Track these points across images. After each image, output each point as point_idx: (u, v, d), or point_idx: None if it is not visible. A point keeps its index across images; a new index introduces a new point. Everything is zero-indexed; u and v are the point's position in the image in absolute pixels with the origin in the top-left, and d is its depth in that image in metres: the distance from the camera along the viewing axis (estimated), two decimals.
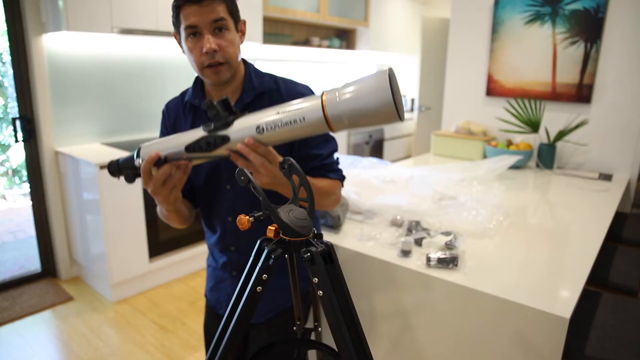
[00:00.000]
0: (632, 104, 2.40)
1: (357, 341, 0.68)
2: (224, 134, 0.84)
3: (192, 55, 0.99)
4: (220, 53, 0.97)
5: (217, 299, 1.25)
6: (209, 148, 0.86)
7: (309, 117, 0.77)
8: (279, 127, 0.80)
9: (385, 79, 0.71)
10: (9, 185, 4.81)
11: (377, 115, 0.72)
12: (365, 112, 0.72)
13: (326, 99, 0.76)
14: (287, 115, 0.79)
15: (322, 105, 0.76)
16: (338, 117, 0.75)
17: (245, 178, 0.69)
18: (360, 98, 0.73)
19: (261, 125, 0.81)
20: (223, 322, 0.75)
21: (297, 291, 0.86)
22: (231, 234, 1.15)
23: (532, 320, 1.06)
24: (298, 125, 0.78)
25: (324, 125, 0.77)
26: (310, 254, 0.68)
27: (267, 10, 3.51)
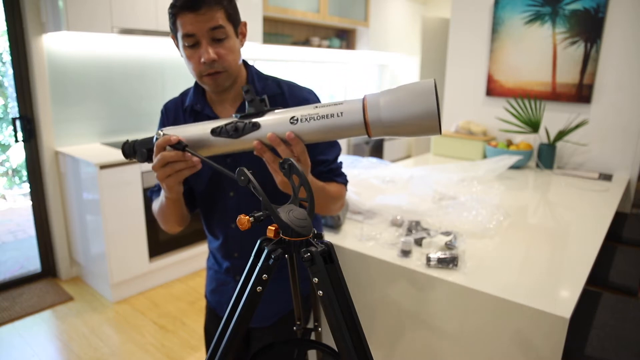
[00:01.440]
0: (632, 104, 2.40)
1: (357, 341, 0.68)
2: (255, 121, 0.81)
3: (190, 63, 0.97)
4: (219, 62, 0.95)
5: (218, 301, 1.23)
6: (237, 134, 0.82)
7: (348, 114, 0.74)
8: (314, 120, 0.77)
9: (431, 88, 0.69)
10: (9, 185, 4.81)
11: (418, 124, 0.70)
12: (406, 118, 0.70)
13: (368, 100, 0.74)
14: (325, 110, 0.76)
15: (363, 105, 0.74)
16: (377, 120, 0.72)
17: (245, 178, 0.68)
18: (403, 104, 0.71)
19: (296, 115, 0.78)
20: (223, 322, 0.75)
21: (296, 291, 0.86)
22: (235, 241, 1.13)
23: (532, 320, 1.06)
24: (334, 120, 0.75)
25: (362, 127, 0.74)
26: (310, 254, 0.67)
27: (267, 10, 3.51)
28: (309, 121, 0.77)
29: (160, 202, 1.04)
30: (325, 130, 0.77)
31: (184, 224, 1.12)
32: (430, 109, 0.69)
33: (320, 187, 1.01)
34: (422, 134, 0.72)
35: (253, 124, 0.81)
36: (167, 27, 2.80)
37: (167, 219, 1.07)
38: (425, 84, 0.70)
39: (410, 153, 5.47)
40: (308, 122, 0.77)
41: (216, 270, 1.23)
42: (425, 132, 0.71)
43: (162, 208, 1.04)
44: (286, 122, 0.79)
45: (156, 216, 1.11)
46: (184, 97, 1.14)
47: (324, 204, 1.06)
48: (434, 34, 4.92)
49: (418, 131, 0.72)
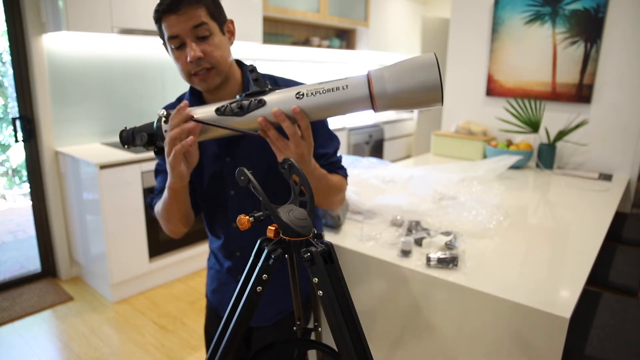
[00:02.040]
0: (632, 104, 2.40)
1: (357, 341, 0.68)
2: (261, 98, 0.81)
3: (178, 64, 0.97)
4: (206, 59, 0.95)
5: (220, 301, 1.23)
6: (242, 111, 0.81)
7: (353, 87, 0.75)
8: (320, 94, 0.77)
9: (433, 59, 0.71)
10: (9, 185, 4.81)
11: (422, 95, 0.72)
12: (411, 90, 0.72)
13: (372, 73, 0.75)
14: (331, 84, 0.77)
15: (368, 78, 0.75)
16: (383, 92, 0.73)
17: (245, 178, 0.68)
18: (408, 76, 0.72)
19: (302, 91, 0.79)
20: (223, 322, 0.75)
21: (296, 291, 0.86)
22: (236, 240, 1.13)
23: (532, 320, 1.06)
24: (340, 93, 0.76)
25: (367, 100, 0.75)
26: (310, 254, 0.67)
27: (267, 10, 3.51)
28: (314, 95, 0.77)
29: (164, 199, 1.02)
30: (331, 104, 0.77)
31: (188, 224, 1.10)
32: (434, 80, 0.70)
33: (322, 175, 1.00)
34: (426, 106, 0.73)
35: (258, 100, 0.81)
36: None
37: (171, 215, 1.04)
38: (427, 57, 0.72)
39: (410, 153, 5.47)
40: (314, 96, 0.78)
41: (217, 270, 1.23)
42: (429, 102, 0.72)
43: (166, 205, 1.02)
44: (292, 97, 0.79)
45: (160, 217, 1.09)
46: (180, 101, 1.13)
47: (326, 194, 1.04)
48: (434, 34, 4.92)
49: (422, 102, 0.73)
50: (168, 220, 1.06)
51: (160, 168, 1.14)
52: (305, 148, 0.84)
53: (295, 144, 0.82)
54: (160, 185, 1.13)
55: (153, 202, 1.14)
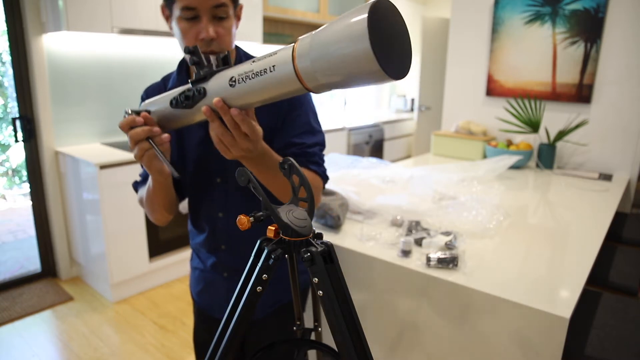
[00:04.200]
0: (632, 104, 2.40)
1: (357, 341, 0.68)
2: (202, 87, 0.74)
3: (184, 39, 0.90)
4: (217, 42, 0.90)
5: (209, 302, 1.18)
6: (189, 103, 0.75)
7: (279, 67, 0.63)
8: (250, 79, 0.67)
9: (363, 17, 0.52)
10: (9, 185, 4.81)
11: (353, 68, 0.55)
12: (335, 63, 0.56)
13: (298, 45, 0.61)
14: (259, 64, 0.66)
15: (292, 53, 0.61)
16: (308, 68, 0.59)
17: (245, 178, 0.68)
18: (331, 42, 0.56)
19: (234, 76, 0.69)
20: (223, 323, 0.75)
21: (297, 291, 0.86)
22: (222, 232, 1.08)
23: (532, 320, 1.05)
24: (268, 77, 0.64)
25: (294, 79, 0.62)
26: (310, 254, 0.67)
27: (267, 10, 3.51)
28: (245, 81, 0.68)
29: (148, 189, 0.98)
30: (260, 89, 0.67)
31: (172, 211, 1.05)
32: (361, 43, 0.52)
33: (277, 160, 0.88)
34: (371, 82, 0.57)
35: (199, 90, 0.74)
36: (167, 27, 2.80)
37: (154, 203, 0.99)
38: (357, 10, 0.54)
39: (410, 153, 5.47)
40: (245, 83, 0.68)
41: (202, 270, 1.17)
42: (369, 77, 0.56)
43: (150, 195, 0.98)
44: (226, 84, 0.70)
45: (144, 205, 1.05)
46: (166, 82, 1.08)
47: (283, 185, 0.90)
48: (434, 34, 4.92)
49: (360, 78, 0.56)
50: (153, 209, 1.02)
51: None
52: (250, 144, 0.75)
53: (237, 136, 0.73)
54: (144, 174, 1.09)
55: (138, 187, 1.11)
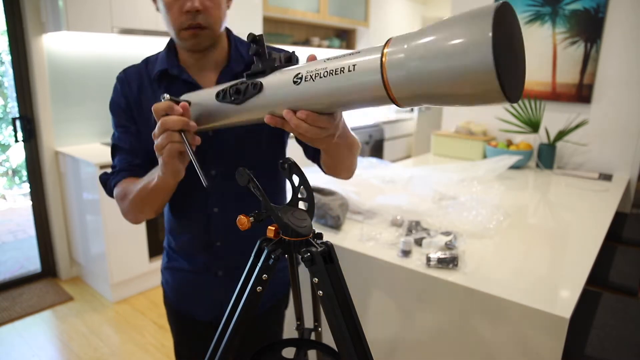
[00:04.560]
0: (632, 104, 2.40)
1: (357, 341, 0.68)
2: (258, 81, 0.66)
3: (169, 14, 0.85)
4: (203, 15, 0.84)
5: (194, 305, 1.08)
6: (239, 98, 0.68)
7: (362, 68, 0.53)
8: (320, 78, 0.57)
9: (487, 24, 0.42)
10: (9, 185, 4.81)
11: (463, 85, 0.45)
12: (440, 77, 0.46)
13: (390, 47, 0.51)
14: (334, 63, 0.57)
15: (382, 56, 0.51)
16: (401, 79, 0.49)
17: (246, 178, 0.67)
18: (438, 51, 0.46)
19: (301, 72, 0.60)
20: (223, 323, 0.75)
21: (297, 292, 0.86)
22: (218, 228, 1.00)
23: (532, 320, 1.05)
24: (345, 77, 0.55)
25: (380, 87, 0.52)
26: (310, 254, 0.67)
27: (267, 10, 3.51)
28: (314, 79, 0.59)
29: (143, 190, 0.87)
30: (331, 92, 0.58)
31: (159, 213, 0.97)
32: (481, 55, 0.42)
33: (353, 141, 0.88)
34: (478, 102, 0.47)
35: (254, 85, 0.66)
36: None
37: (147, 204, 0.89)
38: (479, 15, 0.44)
39: (410, 153, 5.47)
40: (313, 81, 0.59)
41: (188, 271, 1.06)
42: (480, 98, 0.46)
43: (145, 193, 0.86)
44: (289, 82, 0.62)
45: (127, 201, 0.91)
46: (149, 65, 0.99)
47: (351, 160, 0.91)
48: None
49: (468, 97, 0.46)
50: (141, 210, 0.92)
51: (120, 144, 0.98)
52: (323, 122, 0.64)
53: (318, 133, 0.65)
54: (120, 164, 0.97)
55: (111, 182, 0.98)
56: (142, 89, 0.97)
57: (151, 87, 0.96)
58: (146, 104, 0.96)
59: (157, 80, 0.95)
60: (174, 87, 0.94)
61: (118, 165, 0.98)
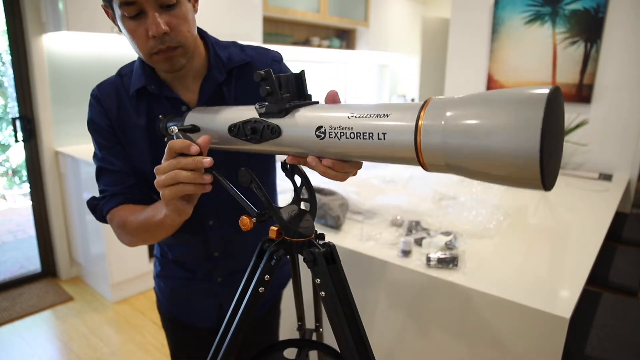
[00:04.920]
0: (632, 104, 2.41)
1: (359, 342, 0.68)
2: (276, 124, 0.63)
3: (134, 40, 0.76)
4: (172, 35, 0.75)
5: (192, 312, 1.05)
6: (256, 138, 0.65)
7: (393, 137, 0.52)
8: (347, 138, 0.55)
9: (538, 113, 0.42)
10: (9, 185, 4.81)
11: (502, 168, 0.45)
12: (477, 155, 0.45)
13: (427, 113, 0.49)
14: (363, 125, 0.54)
15: (417, 121, 0.50)
16: (436, 147, 0.49)
17: (248, 178, 0.67)
18: (479, 128, 0.45)
19: (324, 127, 0.58)
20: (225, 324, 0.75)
21: (299, 292, 0.86)
22: (215, 239, 0.96)
23: (532, 320, 1.06)
24: (373, 143, 0.53)
25: (410, 150, 0.51)
26: (313, 254, 0.67)
27: (267, 10, 3.51)
28: (339, 138, 0.56)
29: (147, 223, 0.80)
30: (361, 154, 0.57)
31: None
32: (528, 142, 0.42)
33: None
34: (513, 184, 0.47)
35: (271, 129, 0.63)
36: None
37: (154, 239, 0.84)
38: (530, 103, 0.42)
39: None
40: (338, 140, 0.56)
41: (187, 278, 1.02)
42: (516, 181, 0.45)
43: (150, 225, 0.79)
44: (311, 133, 0.59)
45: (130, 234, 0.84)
46: (124, 78, 0.90)
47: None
48: (434, 34, 4.92)
49: (503, 178, 0.46)
50: (143, 240, 0.85)
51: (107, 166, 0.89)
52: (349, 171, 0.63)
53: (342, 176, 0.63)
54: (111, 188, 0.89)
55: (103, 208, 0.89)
56: (121, 107, 0.89)
57: (130, 103, 0.88)
58: (128, 122, 0.88)
59: (136, 96, 0.88)
60: (156, 104, 0.87)
61: (108, 188, 0.89)
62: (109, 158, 0.89)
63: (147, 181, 0.88)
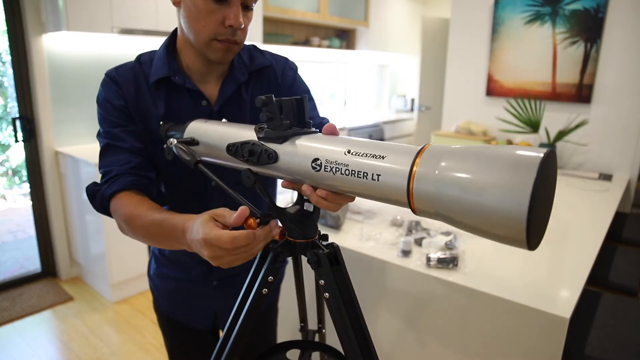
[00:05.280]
0: (632, 104, 2.41)
1: (363, 344, 0.68)
2: (273, 150, 0.65)
3: (204, 19, 0.79)
4: (240, 32, 0.82)
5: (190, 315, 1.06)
6: (252, 160, 0.66)
7: (386, 179, 0.54)
8: (341, 174, 0.57)
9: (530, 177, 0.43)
10: (9, 185, 4.81)
11: (488, 224, 0.46)
12: (466, 209, 0.47)
13: (422, 161, 0.51)
14: (359, 164, 0.56)
15: (412, 167, 0.52)
16: (428, 195, 0.50)
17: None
18: (470, 184, 0.47)
19: (320, 159, 0.59)
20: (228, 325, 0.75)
21: (301, 293, 0.86)
22: None
23: (532, 320, 1.06)
24: (367, 182, 0.55)
25: (402, 194, 0.53)
26: (317, 256, 0.67)
27: (267, 10, 3.51)
28: (334, 173, 0.58)
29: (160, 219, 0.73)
30: (354, 190, 0.58)
31: None
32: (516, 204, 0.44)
33: None
34: (497, 239, 0.48)
35: (269, 154, 0.64)
36: (168, 27, 2.79)
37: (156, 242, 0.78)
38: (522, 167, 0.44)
39: None
40: (333, 175, 0.58)
41: (183, 280, 1.02)
42: (500, 238, 0.47)
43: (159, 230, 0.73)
44: (307, 164, 0.61)
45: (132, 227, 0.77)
46: (144, 66, 0.90)
47: None
48: (434, 34, 4.92)
49: (489, 233, 0.48)
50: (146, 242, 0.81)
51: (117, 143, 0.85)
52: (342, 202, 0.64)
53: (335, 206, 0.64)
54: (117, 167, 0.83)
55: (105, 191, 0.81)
56: (139, 93, 0.88)
57: (149, 92, 0.88)
58: (145, 109, 0.88)
59: (155, 85, 0.88)
60: (175, 95, 0.89)
61: (113, 168, 0.82)
62: (120, 135, 0.85)
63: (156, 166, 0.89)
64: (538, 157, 0.44)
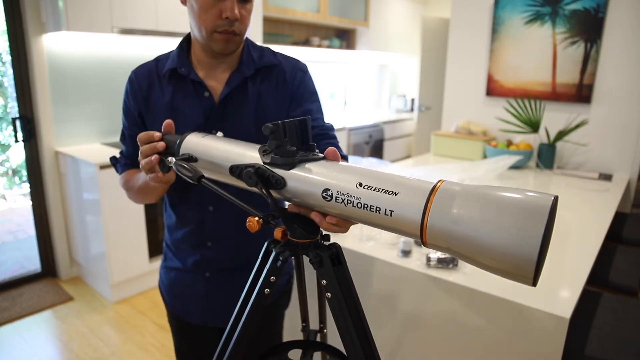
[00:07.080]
0: (632, 104, 2.41)
1: (365, 344, 0.68)
2: (281, 176, 0.64)
3: (204, 14, 0.87)
4: (238, 23, 0.88)
5: (185, 307, 1.09)
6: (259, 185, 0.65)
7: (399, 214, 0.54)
8: (352, 207, 0.57)
9: (541, 223, 0.46)
10: (9, 185, 4.80)
11: (500, 262, 0.48)
12: (479, 246, 0.49)
13: (439, 196, 0.52)
14: (371, 198, 0.56)
15: (427, 202, 0.53)
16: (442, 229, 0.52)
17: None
18: (485, 225, 0.49)
19: (331, 190, 0.59)
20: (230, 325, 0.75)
21: (303, 293, 0.86)
22: (211, 227, 1.00)
23: (532, 320, 1.06)
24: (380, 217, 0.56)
25: (415, 227, 0.54)
26: (319, 256, 0.68)
27: (267, 10, 3.51)
28: (345, 205, 0.58)
29: (139, 182, 0.96)
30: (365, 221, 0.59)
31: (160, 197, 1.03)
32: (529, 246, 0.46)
33: None
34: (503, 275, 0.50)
35: (276, 180, 0.63)
36: (168, 27, 2.79)
37: (145, 199, 1.00)
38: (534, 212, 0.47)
39: (410, 153, 5.48)
40: (345, 206, 0.58)
41: (180, 270, 1.08)
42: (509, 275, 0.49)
43: (142, 190, 0.96)
44: (317, 194, 0.60)
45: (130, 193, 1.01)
46: (159, 63, 1.01)
47: None
48: (434, 34, 4.92)
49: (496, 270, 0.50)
50: (141, 200, 1.02)
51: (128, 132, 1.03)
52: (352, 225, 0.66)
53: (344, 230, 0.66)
54: (128, 150, 1.04)
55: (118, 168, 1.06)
56: (151, 86, 0.99)
57: (160, 85, 0.99)
58: (154, 99, 0.99)
59: (167, 78, 0.98)
60: (181, 85, 0.97)
61: (126, 150, 1.05)
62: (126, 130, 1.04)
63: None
64: (547, 204, 0.47)
